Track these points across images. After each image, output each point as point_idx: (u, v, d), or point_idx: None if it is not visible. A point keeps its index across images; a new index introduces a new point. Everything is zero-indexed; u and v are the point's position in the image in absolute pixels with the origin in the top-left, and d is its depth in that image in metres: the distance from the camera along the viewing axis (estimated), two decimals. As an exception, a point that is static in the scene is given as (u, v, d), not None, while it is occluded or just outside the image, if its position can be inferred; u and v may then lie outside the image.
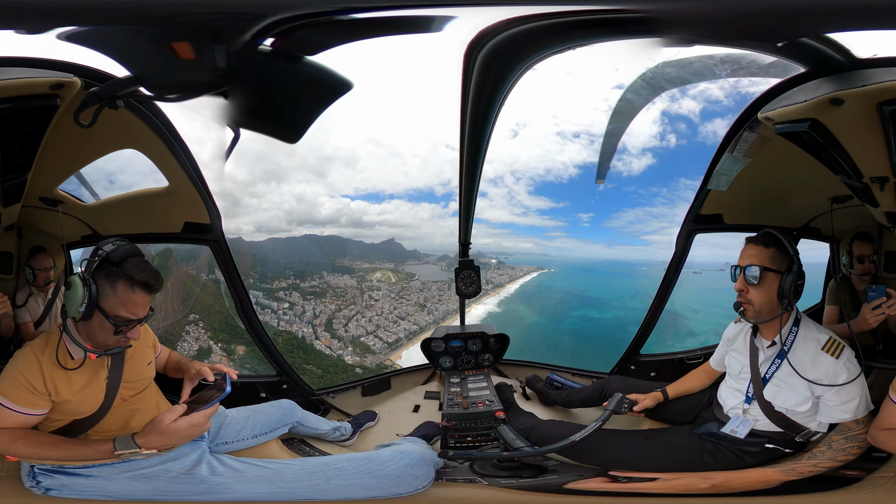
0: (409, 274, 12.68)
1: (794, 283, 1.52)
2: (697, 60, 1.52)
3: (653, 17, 1.17)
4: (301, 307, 10.68)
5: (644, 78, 1.68)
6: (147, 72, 1.32)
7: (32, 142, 1.45)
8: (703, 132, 8.94)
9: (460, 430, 2.00)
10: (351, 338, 10.71)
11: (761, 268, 1.53)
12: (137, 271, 1.33)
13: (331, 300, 11.28)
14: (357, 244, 13.17)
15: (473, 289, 2.54)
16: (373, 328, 11.08)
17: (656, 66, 1.62)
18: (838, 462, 1.51)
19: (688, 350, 2.61)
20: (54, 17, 1.14)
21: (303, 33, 1.21)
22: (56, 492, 1.42)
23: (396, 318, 11.51)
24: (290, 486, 1.48)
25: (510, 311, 13.31)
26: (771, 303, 1.55)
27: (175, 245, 7.85)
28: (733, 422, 1.64)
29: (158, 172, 1.94)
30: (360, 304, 11.50)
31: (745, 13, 1.16)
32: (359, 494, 1.49)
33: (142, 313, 1.37)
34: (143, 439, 1.33)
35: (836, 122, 1.32)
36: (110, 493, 1.43)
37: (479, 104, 1.47)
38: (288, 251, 12.10)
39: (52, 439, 1.37)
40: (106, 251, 1.33)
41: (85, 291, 1.29)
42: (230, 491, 1.46)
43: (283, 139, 1.54)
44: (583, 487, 1.62)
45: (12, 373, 1.33)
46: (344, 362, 10.19)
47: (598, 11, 1.18)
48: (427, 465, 1.59)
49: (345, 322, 10.93)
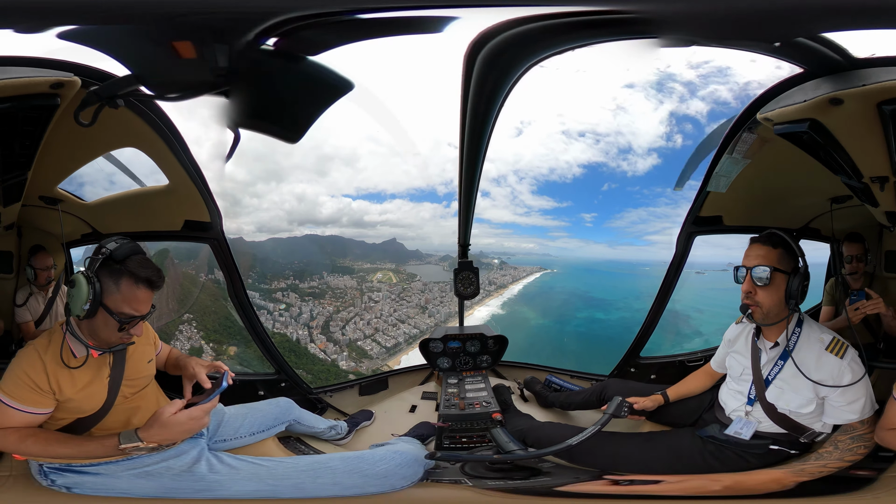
0: (410, 274, 12.57)
1: (801, 283, 1.50)
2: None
3: (651, 18, 1.17)
4: (298, 308, 10.52)
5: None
6: (148, 71, 1.33)
7: (32, 141, 1.46)
8: (709, 133, 8.85)
9: (456, 431, 1.99)
10: (348, 341, 10.50)
11: (771, 268, 1.50)
12: (141, 268, 1.36)
13: (329, 301, 11.12)
14: (358, 244, 13.12)
15: (472, 290, 2.54)
16: (371, 331, 10.86)
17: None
18: (846, 462, 1.49)
19: (688, 352, 2.60)
20: (54, 16, 1.15)
21: (306, 33, 1.21)
22: (78, 489, 1.44)
23: (396, 320, 11.30)
24: (277, 484, 1.49)
25: (514, 313, 13.14)
26: (779, 304, 1.53)
27: (174, 244, 7.89)
28: (737, 424, 1.62)
29: (159, 171, 1.95)
30: (359, 306, 11.32)
31: (743, 13, 1.15)
32: (340, 493, 1.50)
33: (145, 310, 1.39)
34: (146, 433, 1.35)
35: (835, 122, 1.32)
36: (122, 490, 1.45)
37: (478, 105, 1.47)
38: (288, 251, 12.04)
39: (60, 437, 1.39)
40: (109, 249, 1.35)
41: (89, 289, 1.31)
42: (224, 489, 1.47)
43: (284, 139, 1.54)
44: (576, 490, 1.60)
45: (16, 372, 1.34)
46: (338, 367, 10.05)
47: (595, 12, 1.18)
48: (417, 465, 1.59)
49: (342, 324, 10.74)
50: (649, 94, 11.07)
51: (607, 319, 11.92)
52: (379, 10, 1.17)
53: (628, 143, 13.28)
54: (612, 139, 12.89)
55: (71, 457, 1.40)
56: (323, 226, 13.90)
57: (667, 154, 11.86)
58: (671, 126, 11.68)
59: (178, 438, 1.41)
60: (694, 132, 10.59)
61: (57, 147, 1.55)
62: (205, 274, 7.13)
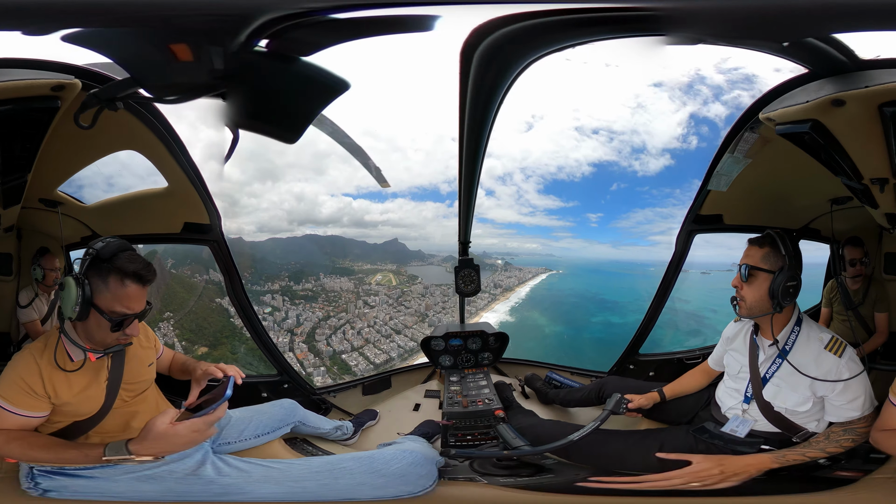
0: (411, 276, 12.20)
1: (784, 283, 1.53)
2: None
3: (657, 15, 1.15)
4: (284, 312, 9.65)
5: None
6: (146, 73, 1.32)
7: (32, 143, 1.45)
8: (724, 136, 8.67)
9: (460, 429, 2.01)
10: (331, 353, 9.38)
11: (749, 267, 1.58)
12: (128, 263, 1.32)
13: (321, 305, 10.35)
14: (359, 244, 12.85)
15: (473, 287, 2.54)
16: (361, 343, 9.80)
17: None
18: (827, 453, 1.51)
19: (686, 350, 2.62)
20: (56, 19, 1.13)
21: (295, 34, 1.20)
22: (55, 493, 1.41)
23: (391, 330, 10.32)
24: (303, 485, 1.47)
25: (525, 320, 12.57)
26: (762, 301, 1.57)
27: (172, 247, 7.76)
28: (733, 422, 1.64)
29: (158, 173, 1.94)
30: (352, 312, 10.44)
31: (751, 12, 1.15)
32: (368, 494, 1.49)
33: (137, 307, 1.35)
34: (137, 446, 1.26)
35: (837, 124, 1.31)
36: (118, 494, 1.43)
37: (477, 102, 1.46)
38: (287, 251, 11.76)
39: (43, 441, 1.35)
40: (96, 249, 1.32)
41: (78, 291, 1.29)
42: (241, 492, 1.45)
43: (281, 139, 1.54)
44: (582, 486, 1.62)
45: (11, 376, 1.33)
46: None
47: (602, 9, 1.17)
48: (429, 463, 1.59)
49: (330, 332, 9.71)
50: (675, 95, 10.85)
51: (624, 323, 11.51)
52: (366, 7, 1.16)
53: (643, 143, 13.07)
54: (626, 137, 12.64)
55: (50, 462, 1.37)
56: (324, 226, 13.69)
57: (680, 155, 11.72)
58: (689, 128, 11.51)
59: (177, 451, 1.33)
60: (710, 135, 10.44)
61: (57, 149, 1.54)
62: (199, 276, 7.07)
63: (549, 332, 12.15)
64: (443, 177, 13.58)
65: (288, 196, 13.26)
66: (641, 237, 14.05)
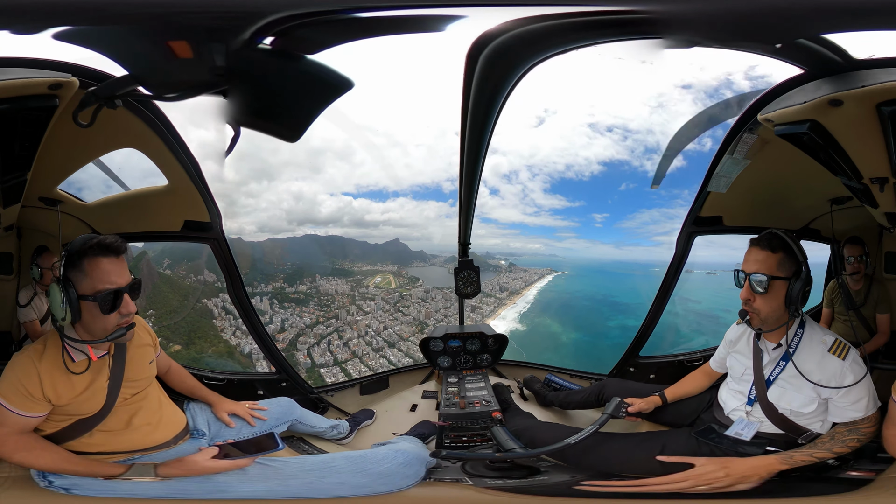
0: (412, 278, 11.71)
1: (802, 289, 1.46)
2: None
3: (653, 19, 1.16)
4: (269, 317, 9.01)
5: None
6: (146, 71, 1.33)
7: (31, 142, 1.46)
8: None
9: (456, 430, 2.00)
10: (308, 366, 8.58)
11: (769, 277, 1.46)
12: (94, 242, 1.34)
13: (312, 310, 9.64)
14: (360, 244, 12.60)
15: (472, 289, 2.54)
16: (346, 356, 8.84)
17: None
18: (834, 454, 1.49)
19: (687, 352, 2.60)
20: (52, 17, 1.14)
21: (302, 32, 1.21)
22: (78, 490, 1.44)
23: (383, 342, 9.30)
24: (288, 484, 1.49)
25: (538, 327, 11.74)
26: (778, 311, 1.49)
27: (170, 248, 7.68)
28: (738, 424, 1.61)
29: (158, 171, 1.95)
30: (343, 319, 9.60)
31: (744, 15, 1.15)
32: (346, 492, 1.50)
33: (120, 280, 1.36)
34: (168, 470, 1.42)
35: (835, 123, 1.31)
36: (126, 491, 1.45)
37: (479, 104, 1.46)
38: (287, 251, 11.53)
39: (52, 457, 1.39)
40: (66, 250, 1.35)
41: (61, 293, 1.31)
42: (234, 490, 1.47)
43: (282, 138, 1.54)
44: (578, 489, 1.61)
45: (10, 378, 1.35)
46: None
47: (598, 13, 1.17)
48: (419, 464, 1.59)
49: (314, 342, 8.90)
50: (700, 98, 10.56)
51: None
52: (375, 8, 1.17)
53: (657, 143, 12.70)
54: (641, 137, 12.16)
55: (57, 472, 1.42)
56: (324, 226, 13.45)
57: (692, 156, 11.45)
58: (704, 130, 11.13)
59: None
60: (723, 136, 10.12)
61: (56, 148, 1.55)
62: (194, 275, 7.03)
63: (566, 339, 11.37)
64: (445, 175, 13.21)
65: (286, 195, 13.01)
66: (645, 238, 13.82)
